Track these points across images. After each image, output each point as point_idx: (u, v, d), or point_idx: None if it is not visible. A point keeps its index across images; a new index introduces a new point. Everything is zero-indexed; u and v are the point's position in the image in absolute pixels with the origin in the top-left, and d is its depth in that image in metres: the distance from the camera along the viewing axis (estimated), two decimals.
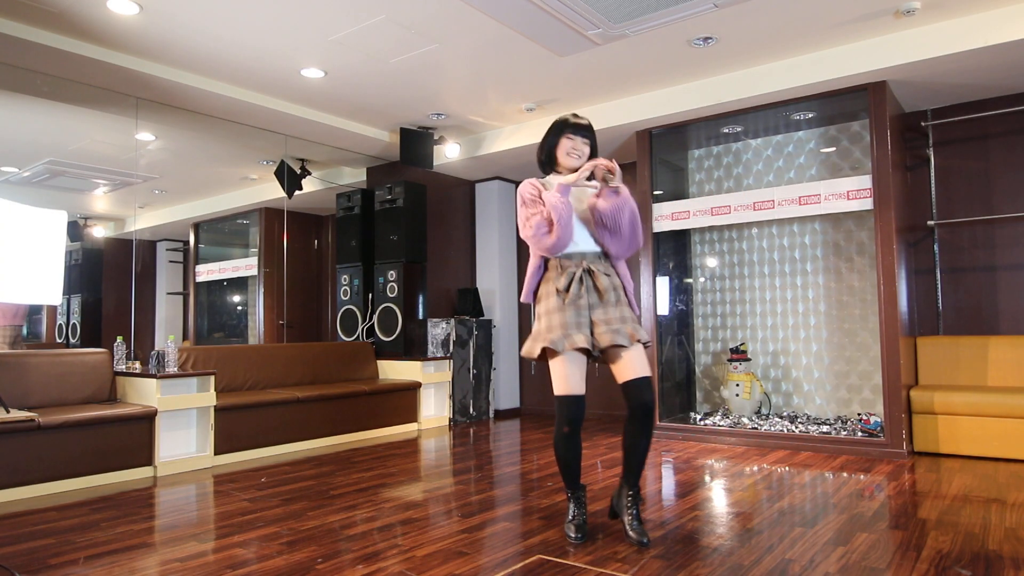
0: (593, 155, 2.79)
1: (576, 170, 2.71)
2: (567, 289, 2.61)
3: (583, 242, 2.70)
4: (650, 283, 5.28)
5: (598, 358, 2.69)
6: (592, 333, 2.61)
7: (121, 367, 4.51)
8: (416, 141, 5.86)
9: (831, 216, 5.15)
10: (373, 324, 6.36)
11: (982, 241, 4.74)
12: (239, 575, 2.37)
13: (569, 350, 2.57)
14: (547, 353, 2.63)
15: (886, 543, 2.60)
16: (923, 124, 4.87)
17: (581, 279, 2.63)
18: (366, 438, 5.35)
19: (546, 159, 2.82)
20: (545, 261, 2.74)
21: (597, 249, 2.72)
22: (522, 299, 2.77)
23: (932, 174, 4.91)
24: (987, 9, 3.87)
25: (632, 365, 2.60)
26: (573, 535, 2.67)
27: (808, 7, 3.80)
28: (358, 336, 6.45)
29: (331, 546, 2.67)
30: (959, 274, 4.81)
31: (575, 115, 2.80)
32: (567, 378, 2.58)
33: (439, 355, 6.17)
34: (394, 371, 6.10)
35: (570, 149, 2.74)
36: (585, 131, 2.77)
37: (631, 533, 2.62)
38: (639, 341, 2.62)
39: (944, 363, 4.68)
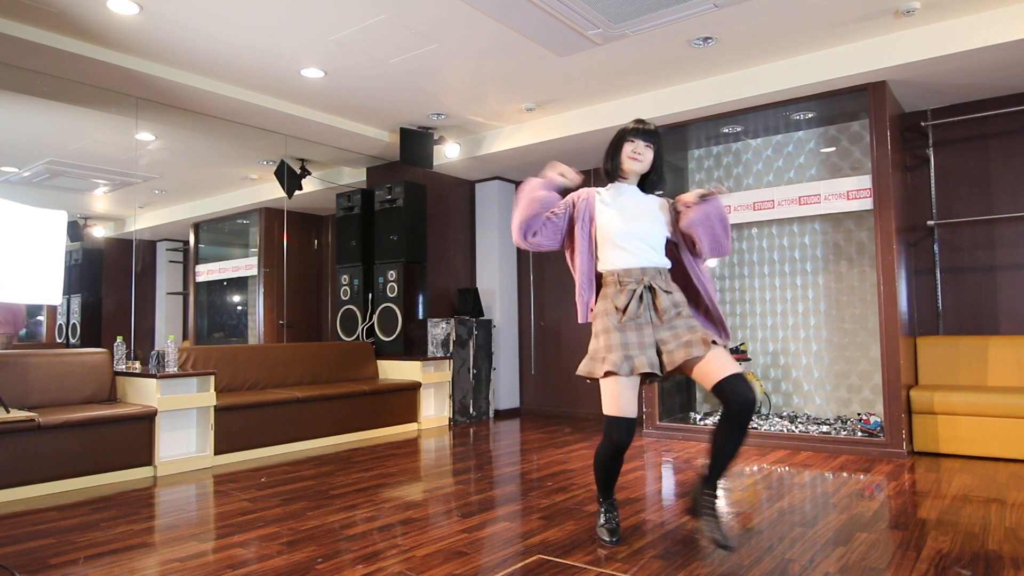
0: (658, 160, 2.63)
1: (640, 174, 2.65)
2: (626, 308, 2.48)
3: (644, 257, 2.55)
4: None
5: (662, 378, 2.52)
6: (660, 353, 2.46)
7: (121, 367, 4.51)
8: (416, 141, 5.86)
9: (831, 216, 5.15)
10: (373, 324, 6.36)
11: (982, 241, 4.74)
12: (239, 575, 2.37)
13: (633, 375, 2.43)
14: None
15: (886, 543, 2.60)
16: (923, 124, 4.87)
17: (641, 296, 2.49)
18: (366, 438, 5.35)
19: (612, 167, 2.66)
20: (598, 276, 2.62)
21: (658, 264, 2.57)
22: (579, 320, 2.61)
23: (932, 174, 4.90)
24: (987, 9, 3.87)
25: (721, 364, 2.38)
26: (607, 539, 2.63)
27: (808, 7, 3.81)
28: (358, 336, 6.45)
29: (331, 546, 2.67)
30: (959, 274, 4.81)
31: (639, 120, 2.67)
32: (620, 399, 2.43)
33: (439, 355, 6.17)
34: (394, 371, 6.10)
35: (631, 152, 2.59)
36: (647, 135, 2.61)
37: (714, 536, 2.43)
38: (713, 343, 2.45)
39: (944, 363, 4.67)
